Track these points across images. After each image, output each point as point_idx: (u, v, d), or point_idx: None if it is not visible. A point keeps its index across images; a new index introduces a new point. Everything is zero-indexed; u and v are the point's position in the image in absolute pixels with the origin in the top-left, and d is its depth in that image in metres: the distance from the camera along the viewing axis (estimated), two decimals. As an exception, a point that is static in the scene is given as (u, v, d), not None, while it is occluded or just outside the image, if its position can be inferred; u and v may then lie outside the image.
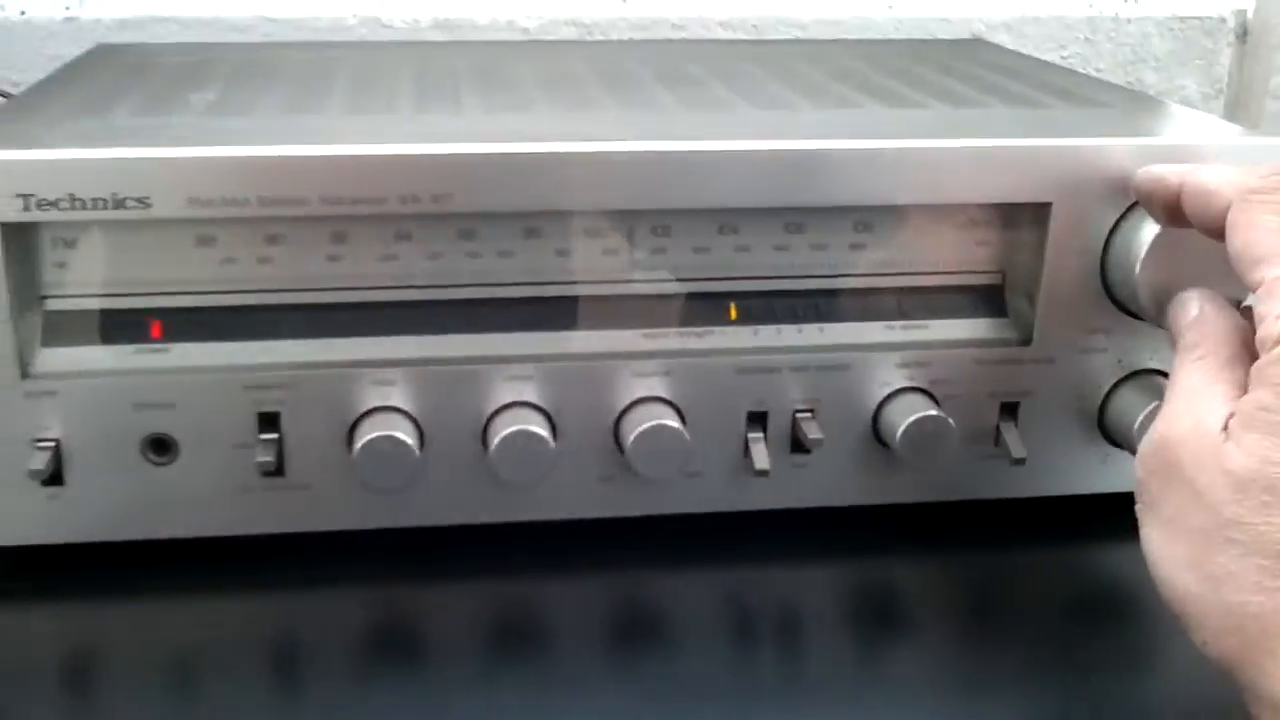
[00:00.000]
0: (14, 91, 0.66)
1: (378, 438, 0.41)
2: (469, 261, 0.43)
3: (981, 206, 0.44)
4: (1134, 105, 0.52)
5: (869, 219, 0.44)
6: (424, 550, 0.44)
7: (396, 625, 0.42)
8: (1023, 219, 0.44)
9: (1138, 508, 0.35)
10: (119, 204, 0.39)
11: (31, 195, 0.39)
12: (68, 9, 0.70)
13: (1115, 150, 0.43)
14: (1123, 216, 0.43)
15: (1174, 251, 0.42)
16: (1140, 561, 0.45)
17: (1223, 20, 0.81)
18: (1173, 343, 0.39)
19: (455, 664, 0.39)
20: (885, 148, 0.42)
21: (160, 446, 0.42)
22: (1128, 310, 0.44)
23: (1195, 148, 0.43)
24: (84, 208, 0.39)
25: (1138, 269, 0.42)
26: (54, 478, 0.41)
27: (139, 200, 0.39)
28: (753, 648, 0.41)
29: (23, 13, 0.70)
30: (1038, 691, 0.38)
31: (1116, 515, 0.46)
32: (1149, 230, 0.42)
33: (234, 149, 0.40)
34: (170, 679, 0.38)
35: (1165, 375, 0.45)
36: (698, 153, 0.41)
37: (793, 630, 0.42)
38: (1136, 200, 0.43)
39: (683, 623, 0.42)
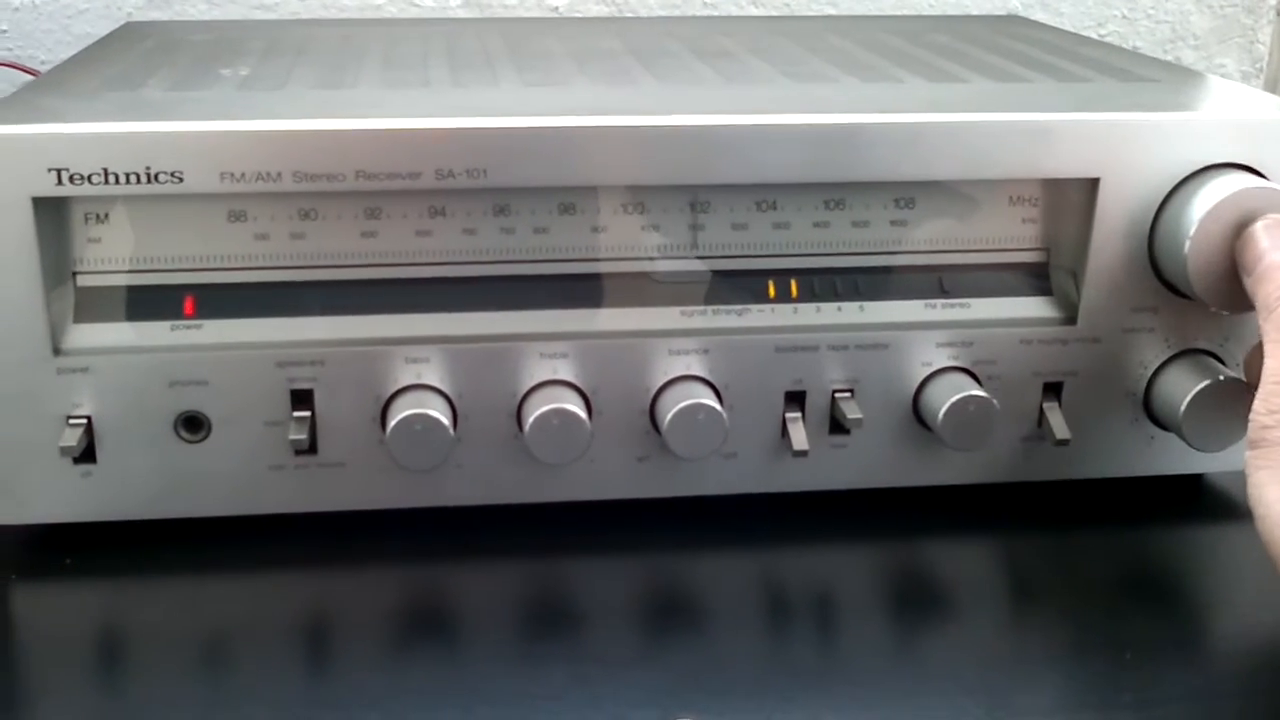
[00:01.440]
0: (42, 69, 0.66)
1: (411, 416, 0.40)
2: (504, 237, 0.42)
3: (1027, 182, 0.43)
4: (1180, 80, 0.50)
5: (911, 195, 0.43)
6: (457, 530, 0.44)
7: (430, 606, 0.41)
8: (1069, 195, 0.43)
9: (1250, 455, 0.36)
10: (152, 178, 0.39)
11: (64, 169, 0.39)
12: (96, -13, 0.70)
13: (1165, 124, 0.42)
14: (1172, 192, 0.42)
15: (1224, 229, 0.41)
16: (1186, 545, 0.46)
17: (1264, -3, 0.80)
18: (1247, 274, 0.39)
19: (489, 645, 0.39)
20: (929, 121, 0.41)
21: (192, 424, 0.42)
22: (1176, 289, 0.43)
23: (1246, 122, 0.42)
24: (116, 182, 0.39)
25: (1187, 246, 0.41)
26: (86, 455, 0.41)
27: (172, 174, 0.39)
28: (790, 631, 0.40)
29: (51, -10, 0.70)
30: (1078, 674, 0.38)
31: (1163, 499, 0.47)
32: (1198, 207, 0.41)
33: (267, 123, 0.39)
34: (202, 658, 0.38)
35: (1213, 355, 0.45)
36: (736, 127, 0.41)
37: (831, 614, 0.41)
38: (1186, 176, 0.42)
39: (719, 605, 0.41)
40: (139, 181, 0.39)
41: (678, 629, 0.40)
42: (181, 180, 0.39)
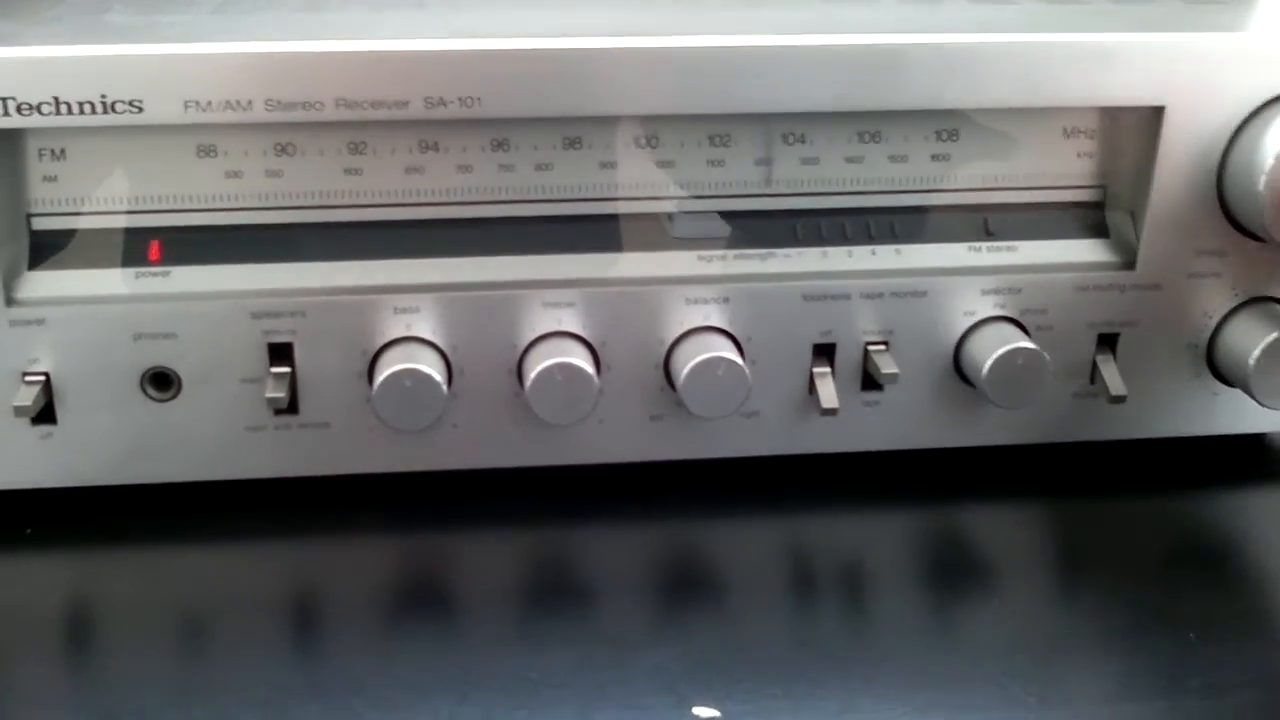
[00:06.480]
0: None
1: (400, 371, 0.38)
2: (502, 175, 0.40)
3: (1083, 111, 0.41)
4: (1250, 1, 0.47)
5: (954, 126, 0.41)
6: (452, 497, 0.42)
7: (422, 580, 0.40)
8: (1130, 125, 0.41)
9: None
10: (108, 108, 0.37)
11: (11, 98, 0.36)
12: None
13: (1238, 47, 0.40)
14: (1245, 122, 0.40)
15: None
16: (1252, 511, 0.44)
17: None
18: None
19: (486, 624, 0.37)
20: (976, 43, 0.39)
21: (161, 381, 0.40)
22: (1246, 230, 0.41)
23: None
24: (70, 112, 0.37)
25: (1262, 182, 0.39)
26: (45, 415, 0.39)
27: (130, 103, 0.37)
28: (819, 608, 0.38)
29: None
30: (1138, 655, 0.35)
31: (1226, 459, 0.45)
32: (1275, 138, 0.39)
33: (233, 45, 0.37)
34: (173, 638, 0.36)
35: None
36: (760, 49, 0.38)
37: (864, 589, 0.39)
38: (1261, 104, 0.40)
39: (740, 580, 0.39)
40: (94, 111, 0.37)
41: (695, 606, 0.38)
42: (141, 110, 0.37)
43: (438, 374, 0.38)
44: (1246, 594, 0.39)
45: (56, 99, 0.36)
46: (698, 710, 0.33)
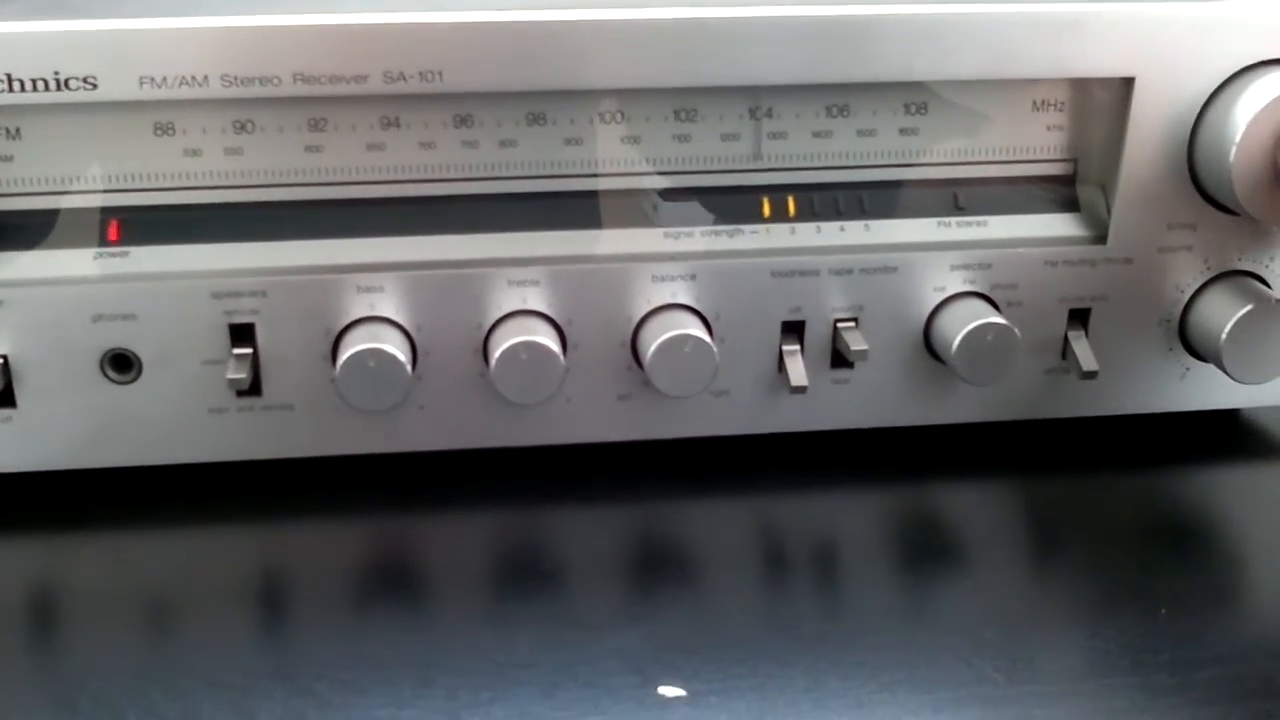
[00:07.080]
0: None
1: (364, 351, 0.38)
2: (466, 151, 0.39)
3: (1052, 83, 0.41)
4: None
5: (923, 99, 0.40)
6: (417, 479, 0.42)
7: (386, 563, 0.39)
8: (1100, 97, 0.41)
9: None
10: (62, 85, 0.36)
11: None
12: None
13: (1209, 16, 0.39)
14: (1216, 93, 0.40)
15: (1274, 134, 0.38)
16: (1224, 488, 0.43)
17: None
18: None
19: (452, 606, 0.37)
20: (944, 13, 0.38)
21: (121, 363, 0.39)
22: (1217, 203, 0.41)
23: (1302, 12, 0.39)
24: (22, 89, 0.36)
25: (1232, 154, 0.39)
26: (4, 399, 0.39)
27: (84, 80, 0.36)
28: (787, 587, 0.38)
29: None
30: (1110, 631, 0.35)
31: (1199, 435, 0.45)
32: (1245, 110, 0.38)
33: (187, 19, 0.36)
34: (135, 623, 0.36)
35: (1257, 277, 0.42)
36: (726, 20, 0.38)
37: (833, 568, 0.39)
38: (1231, 75, 0.39)
39: (708, 559, 0.39)
40: (48, 89, 0.36)
41: (662, 586, 0.37)
42: (95, 86, 0.36)
43: (402, 354, 0.38)
44: (1218, 570, 0.39)
45: (9, 76, 0.36)
46: (663, 690, 0.32)
